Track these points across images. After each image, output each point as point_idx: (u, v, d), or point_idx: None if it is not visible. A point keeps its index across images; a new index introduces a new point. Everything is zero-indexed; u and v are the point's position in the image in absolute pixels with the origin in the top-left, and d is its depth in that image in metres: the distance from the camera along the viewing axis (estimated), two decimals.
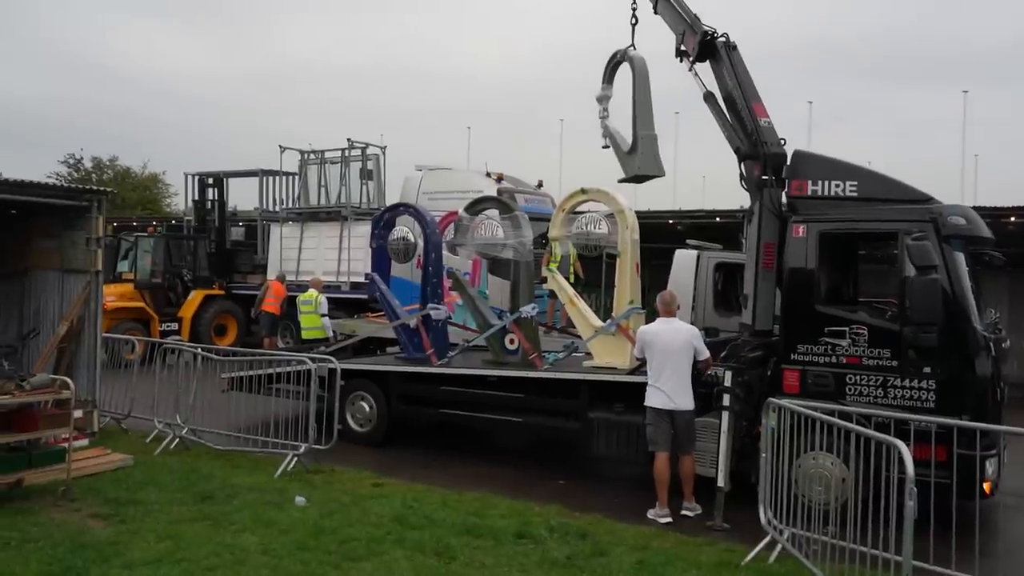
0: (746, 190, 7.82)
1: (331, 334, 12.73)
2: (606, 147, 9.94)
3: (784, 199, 7.42)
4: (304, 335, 13.10)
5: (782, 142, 7.80)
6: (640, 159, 9.34)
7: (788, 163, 7.46)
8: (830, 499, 6.05)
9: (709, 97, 8.20)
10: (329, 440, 8.26)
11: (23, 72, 66.93)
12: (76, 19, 69.83)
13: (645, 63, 9.42)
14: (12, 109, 61.28)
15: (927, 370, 6.43)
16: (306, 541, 5.87)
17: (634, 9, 9.70)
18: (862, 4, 72.36)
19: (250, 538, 5.90)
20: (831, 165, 7.22)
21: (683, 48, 8.51)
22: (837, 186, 7.04)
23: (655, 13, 9.14)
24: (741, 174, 7.84)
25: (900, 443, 4.73)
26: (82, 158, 41.12)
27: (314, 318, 12.90)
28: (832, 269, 7.22)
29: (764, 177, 7.47)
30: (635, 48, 9.56)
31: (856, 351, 6.72)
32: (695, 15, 8.46)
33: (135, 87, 70.19)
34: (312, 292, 13.04)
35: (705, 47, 8.14)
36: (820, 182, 7.12)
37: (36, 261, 9.79)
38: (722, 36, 8.11)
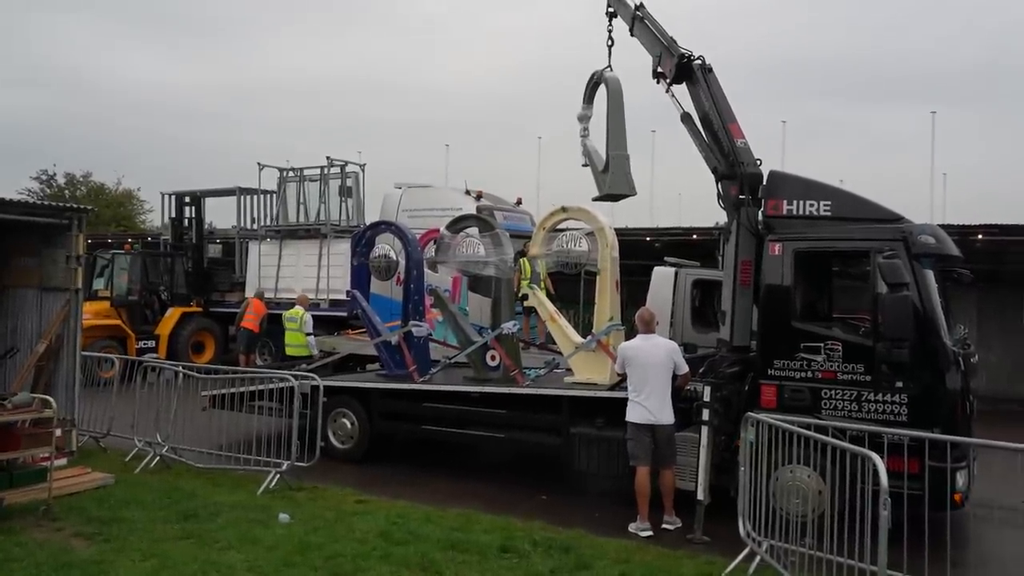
0: (723, 209, 8.01)
1: (315, 352, 12.71)
2: (585, 165, 10.13)
3: (760, 218, 7.61)
4: (288, 351, 13.08)
5: (758, 162, 8.01)
6: (611, 178, 9.52)
7: (764, 183, 7.66)
8: (807, 511, 6.20)
9: (686, 118, 8.41)
10: (312, 457, 8.28)
11: None
12: (53, 32, 69.24)
13: (619, 84, 9.62)
14: None
15: (899, 384, 6.61)
16: (292, 558, 5.90)
17: (610, 31, 9.93)
18: (832, 24, 73.87)
19: (236, 555, 5.91)
20: (806, 185, 7.43)
21: (660, 70, 8.73)
22: (811, 206, 7.25)
23: (631, 36, 9.36)
24: (719, 193, 8.03)
25: (875, 456, 4.88)
26: (55, 174, 40.71)
27: (299, 336, 12.87)
28: (807, 286, 7.41)
29: (741, 196, 7.66)
30: (611, 69, 9.76)
31: (831, 366, 6.90)
32: (671, 38, 8.68)
33: (110, 102, 69.74)
34: (298, 309, 13.04)
35: (682, 69, 8.35)
36: (795, 202, 7.32)
37: (15, 279, 9.70)
38: (698, 59, 8.33)
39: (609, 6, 9.87)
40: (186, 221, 19.37)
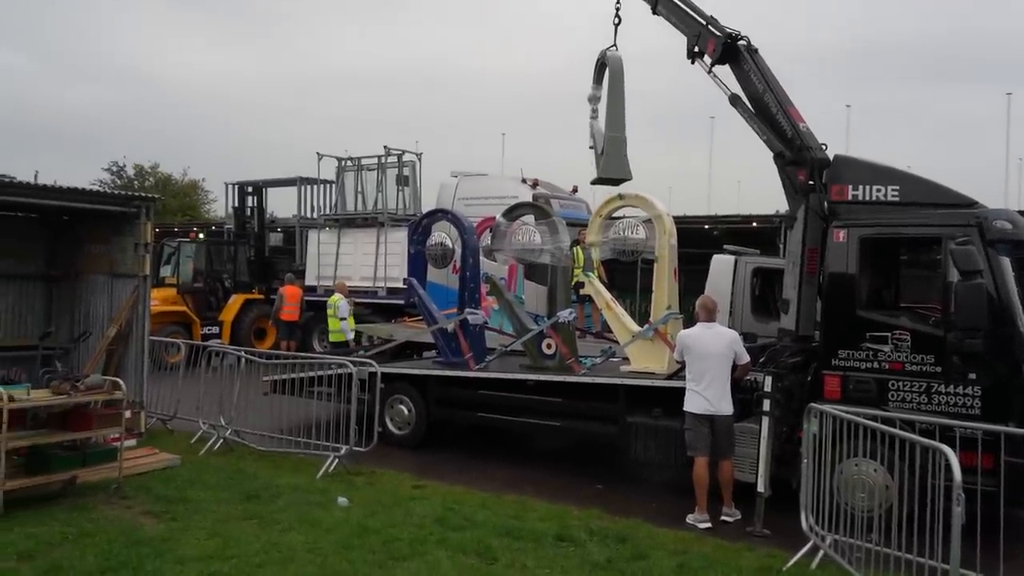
0: (787, 195, 7.81)
1: (349, 336, 12.91)
2: (591, 148, 9.95)
3: (824, 204, 7.39)
4: (330, 337, 13.36)
5: (824, 147, 7.78)
6: (604, 161, 9.32)
7: (829, 168, 7.43)
8: (873, 506, 6.02)
9: (736, 100, 8.17)
10: (369, 442, 8.38)
11: (71, 80, 68.82)
12: (123, 30, 71.43)
13: (621, 64, 9.37)
14: (60, 115, 63.14)
15: (972, 376, 6.35)
16: (350, 540, 5.98)
17: (617, 8, 9.65)
18: (899, 5, 71.37)
19: (296, 537, 6.03)
20: (872, 170, 7.18)
21: (697, 50, 8.47)
22: (879, 191, 7.00)
23: (655, 14, 9.05)
24: (782, 179, 7.83)
25: (947, 449, 4.70)
26: (124, 165, 42.19)
27: (334, 322, 13.11)
28: (873, 274, 7.17)
29: (810, 182, 7.43)
30: (616, 48, 9.51)
31: (899, 357, 6.66)
32: (710, 16, 8.38)
33: (176, 94, 71.74)
34: (336, 296, 13.25)
35: (728, 50, 8.11)
36: (861, 187, 7.08)
37: (87, 265, 10.07)
38: (743, 38, 8.08)
39: None
40: (248, 210, 19.79)
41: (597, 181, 9.57)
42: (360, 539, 6.02)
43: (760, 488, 6.72)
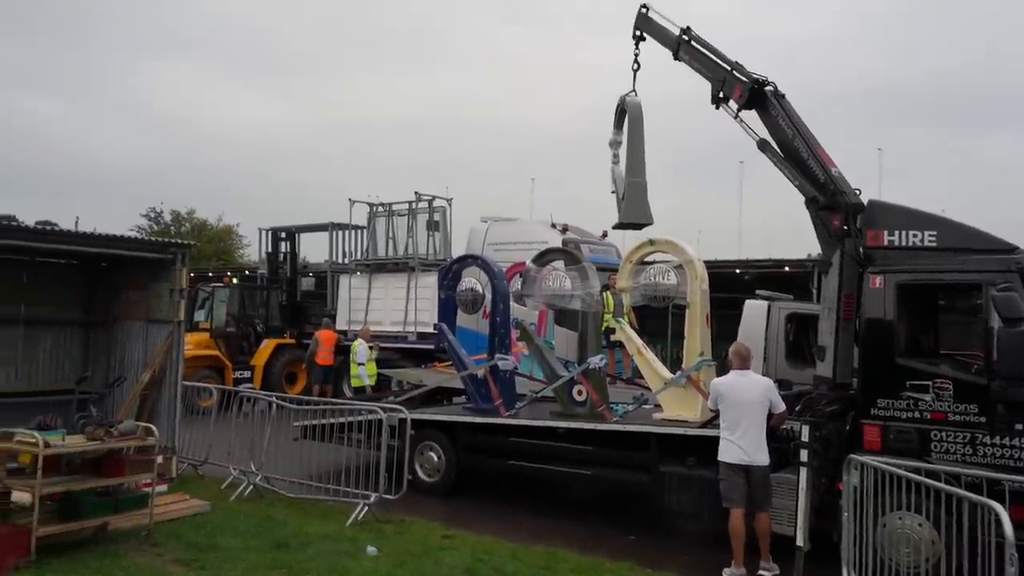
0: (820, 240, 7.74)
1: (366, 382, 12.92)
2: (613, 192, 9.94)
3: (860, 249, 7.29)
4: (351, 383, 13.43)
5: (857, 191, 7.72)
6: (626, 205, 9.29)
7: (863, 213, 7.36)
8: (920, 562, 5.81)
9: (765, 145, 8.15)
10: (399, 490, 8.31)
11: (111, 127, 70.99)
12: (159, 78, 73.76)
13: (640, 109, 9.42)
14: (100, 162, 65.01)
15: (1019, 426, 6.16)
16: None
17: (636, 55, 9.73)
18: (928, 46, 71.33)
19: None
20: (908, 215, 7.09)
21: (722, 95, 8.49)
22: (915, 236, 6.90)
23: (675, 59, 9.10)
24: (815, 224, 7.76)
25: (997, 505, 4.54)
26: (162, 211, 43.15)
27: (355, 367, 13.16)
28: (912, 320, 7.02)
29: (845, 227, 7.35)
30: (635, 94, 9.57)
31: (941, 406, 6.48)
32: (735, 62, 8.41)
33: (211, 141, 73.57)
34: (356, 341, 13.34)
35: (755, 95, 8.12)
36: (897, 232, 6.99)
37: (124, 311, 10.21)
38: (770, 84, 8.09)
39: (636, 29, 9.70)
40: (281, 255, 20.07)
41: (619, 226, 9.55)
42: None
43: (799, 542, 6.52)
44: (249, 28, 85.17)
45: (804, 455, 6.62)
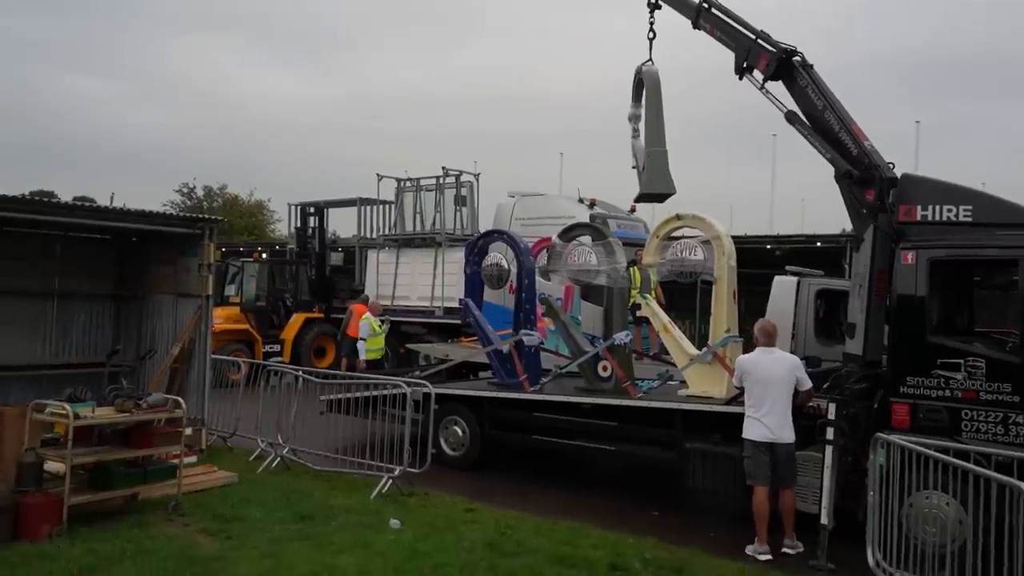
0: (851, 215, 7.56)
1: (361, 357, 13.13)
2: (634, 167, 9.74)
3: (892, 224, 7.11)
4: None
5: (891, 165, 7.52)
6: (647, 176, 9.09)
7: (896, 187, 7.17)
8: (946, 541, 5.71)
9: (793, 117, 7.91)
10: (423, 464, 8.37)
11: (146, 104, 71.82)
12: (192, 53, 74.27)
13: (657, 77, 9.18)
14: (136, 139, 65.90)
15: None
16: (402, 564, 5.95)
17: (651, 23, 9.45)
18: (970, 16, 69.17)
19: (348, 559, 6.02)
20: (942, 189, 6.89)
21: (746, 65, 8.25)
22: (949, 211, 6.71)
23: (695, 28, 8.82)
24: (846, 199, 7.58)
25: (1023, 485, 4.43)
26: (194, 187, 43.61)
27: (374, 340, 13.28)
28: (945, 298, 6.86)
29: (880, 202, 7.17)
30: (652, 63, 9.34)
31: (972, 385, 6.33)
32: (760, 30, 8.13)
33: (244, 117, 74.08)
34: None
35: (783, 65, 7.88)
36: (931, 207, 6.80)
37: (154, 286, 10.37)
38: (798, 54, 7.85)
39: None
40: (310, 230, 20.17)
41: (640, 198, 9.40)
42: (411, 563, 5.98)
43: (823, 520, 6.46)
44: (281, 3, 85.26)
45: (830, 433, 6.55)
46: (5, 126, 66.83)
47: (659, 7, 9.39)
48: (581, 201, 15.13)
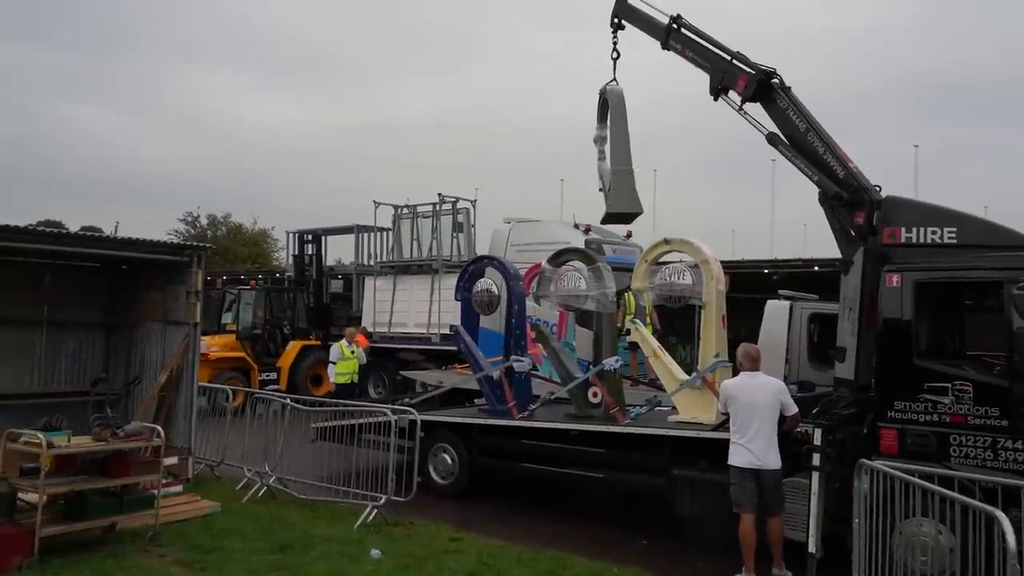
0: (837, 238, 7.50)
1: (331, 380, 13.42)
2: (601, 190, 9.67)
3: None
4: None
5: (877, 188, 7.47)
6: (613, 196, 9.02)
7: (879, 210, 7.11)
8: (934, 571, 5.57)
9: (775, 139, 7.87)
10: (409, 492, 8.25)
11: (151, 133, 72.65)
12: (198, 85, 75.16)
13: (622, 97, 9.16)
14: (141, 168, 66.54)
15: None
16: None
17: (615, 44, 9.44)
18: (971, 38, 69.49)
19: None
20: (927, 211, 6.83)
21: (720, 87, 8.20)
22: (934, 233, 6.65)
23: (664, 49, 8.77)
24: (832, 221, 7.52)
25: (1000, 515, 4.31)
26: (199, 215, 43.86)
27: (344, 364, 13.36)
28: (930, 320, 6.75)
29: (872, 225, 7.10)
30: (616, 83, 9.32)
31: (960, 409, 6.21)
32: (736, 52, 8.09)
33: (249, 148, 74.72)
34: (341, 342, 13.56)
35: (762, 88, 7.84)
36: (915, 229, 6.74)
37: (143, 313, 10.32)
38: (777, 76, 7.82)
39: (615, 17, 9.41)
40: (308, 258, 20.20)
41: (607, 219, 9.29)
42: None
43: (811, 548, 6.32)
44: (279, 37, 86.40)
45: (816, 459, 6.42)
46: (14, 156, 67.69)
47: (623, 27, 9.39)
48: (576, 227, 15.11)
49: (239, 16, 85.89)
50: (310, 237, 20.28)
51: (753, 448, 6.56)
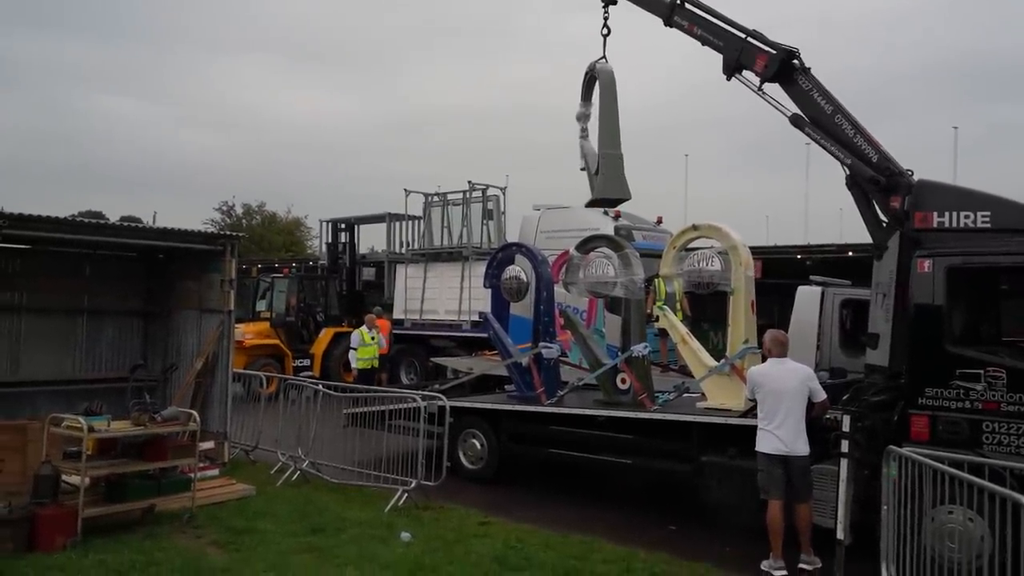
0: (866, 222, 7.41)
1: (353, 365, 13.91)
2: (583, 169, 9.47)
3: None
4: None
5: (909, 172, 7.35)
6: (601, 180, 8.83)
7: (910, 194, 7.00)
8: (968, 558, 5.51)
9: (800, 121, 7.68)
10: (438, 477, 8.36)
11: (189, 124, 73.68)
12: (232, 75, 75.99)
13: (612, 76, 8.87)
14: (179, 158, 67.64)
15: None
16: None
17: (606, 18, 9.03)
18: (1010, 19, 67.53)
19: (351, 572, 6.03)
20: (960, 195, 6.71)
21: (735, 66, 7.97)
22: (967, 217, 6.52)
23: (667, 26, 8.43)
24: (864, 206, 7.42)
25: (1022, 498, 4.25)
26: (234, 205, 44.52)
27: (364, 350, 13.82)
28: (963, 306, 6.64)
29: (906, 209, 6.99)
30: (606, 60, 9.02)
31: (993, 396, 6.11)
32: (753, 30, 7.83)
33: (284, 137, 75.48)
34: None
35: (784, 68, 7.65)
36: (947, 213, 6.62)
37: (179, 301, 10.58)
38: (798, 56, 7.63)
39: None
40: (340, 246, 20.42)
41: (593, 203, 9.15)
42: None
43: (840, 535, 6.26)
44: (313, 26, 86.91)
45: (845, 446, 6.37)
46: (57, 149, 69.22)
47: (614, 2, 9.04)
48: (606, 213, 15.05)
49: (269, 3, 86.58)
50: (343, 226, 20.50)
51: (781, 435, 6.53)
